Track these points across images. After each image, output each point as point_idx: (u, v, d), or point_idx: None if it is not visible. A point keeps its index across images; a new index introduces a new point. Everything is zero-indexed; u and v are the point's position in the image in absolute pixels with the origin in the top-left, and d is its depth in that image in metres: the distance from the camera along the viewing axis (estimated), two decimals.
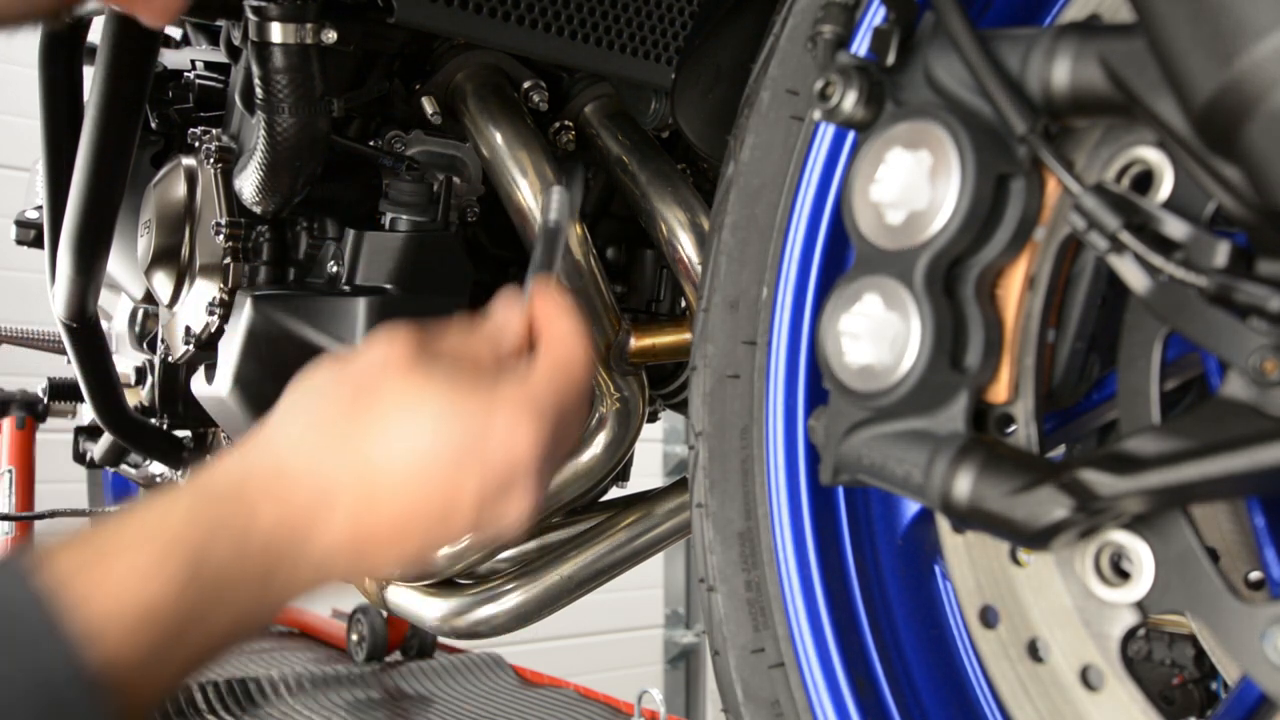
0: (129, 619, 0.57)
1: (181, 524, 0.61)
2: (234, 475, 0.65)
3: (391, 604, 1.36)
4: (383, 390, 0.68)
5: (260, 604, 0.64)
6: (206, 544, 0.60)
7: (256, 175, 1.19)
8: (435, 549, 0.70)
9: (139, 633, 0.57)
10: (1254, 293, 0.50)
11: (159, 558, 0.59)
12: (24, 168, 2.26)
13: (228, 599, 0.61)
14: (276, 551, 0.63)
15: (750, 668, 0.76)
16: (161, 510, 0.62)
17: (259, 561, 0.63)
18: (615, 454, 1.24)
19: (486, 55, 1.26)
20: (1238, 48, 0.44)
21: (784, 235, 0.78)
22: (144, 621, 0.57)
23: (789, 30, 0.79)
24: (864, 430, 0.64)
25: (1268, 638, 0.53)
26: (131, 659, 0.57)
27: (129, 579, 0.57)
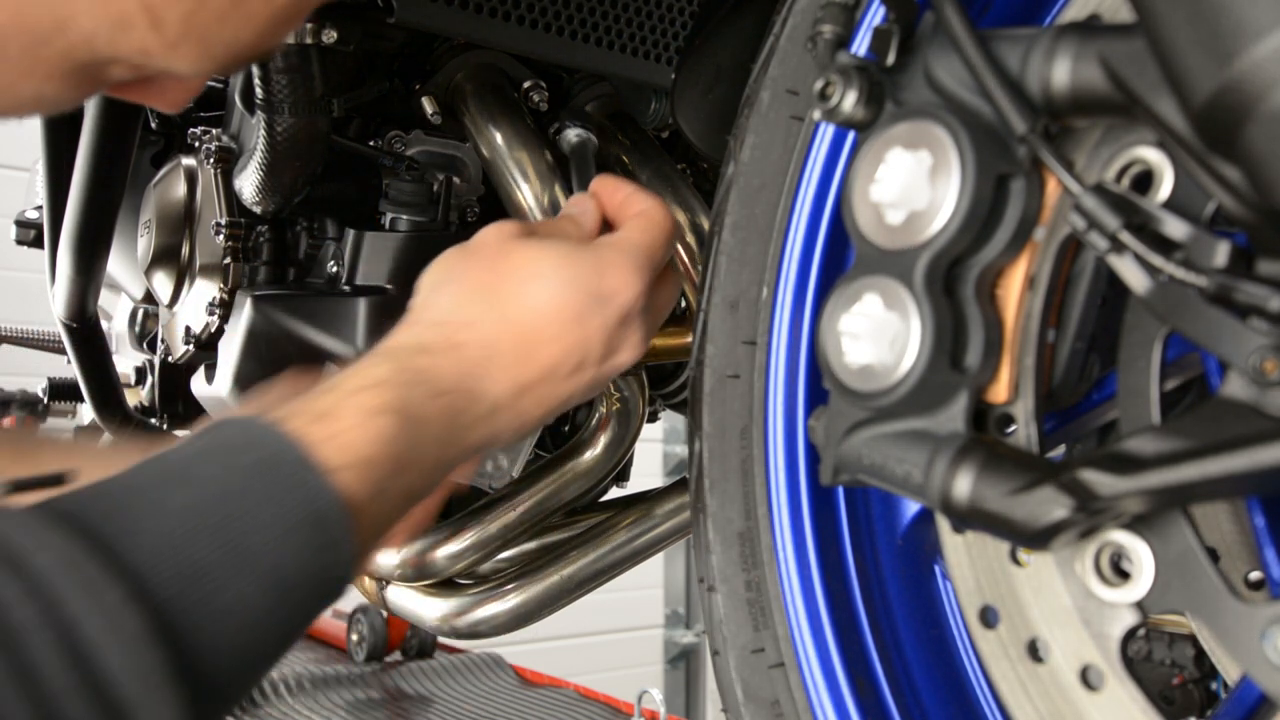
0: (358, 464, 0.65)
1: (383, 383, 0.71)
2: (415, 339, 0.77)
3: (391, 604, 1.36)
4: (509, 259, 0.80)
5: (450, 447, 0.74)
6: (406, 397, 0.71)
7: (256, 175, 1.19)
8: (573, 393, 0.82)
9: (365, 475, 0.66)
10: (1254, 293, 0.50)
11: (371, 413, 0.68)
12: (24, 168, 2.26)
13: (426, 443, 0.71)
14: (462, 396, 0.74)
15: (750, 668, 0.76)
16: (363, 375, 0.72)
17: (447, 406, 0.73)
18: (615, 454, 1.24)
19: (486, 55, 1.25)
20: (1237, 48, 0.44)
21: (784, 235, 0.78)
22: (368, 465, 0.66)
23: (789, 30, 0.79)
24: (864, 430, 0.64)
25: (1268, 638, 0.53)
26: (362, 496, 0.65)
27: (351, 432, 0.66)
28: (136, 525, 0.56)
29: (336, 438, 0.66)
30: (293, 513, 0.61)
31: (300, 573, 0.61)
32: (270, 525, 0.60)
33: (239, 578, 0.58)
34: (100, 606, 0.51)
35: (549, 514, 1.26)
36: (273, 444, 0.63)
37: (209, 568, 0.57)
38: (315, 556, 0.62)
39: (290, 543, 0.60)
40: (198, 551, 0.57)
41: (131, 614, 0.52)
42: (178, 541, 0.56)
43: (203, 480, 0.61)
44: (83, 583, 0.51)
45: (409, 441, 0.69)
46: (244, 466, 0.62)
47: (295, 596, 0.61)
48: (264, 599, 0.59)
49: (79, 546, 0.53)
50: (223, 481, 0.61)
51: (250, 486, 0.61)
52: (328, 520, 0.62)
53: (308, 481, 0.63)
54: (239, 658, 0.58)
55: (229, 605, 0.57)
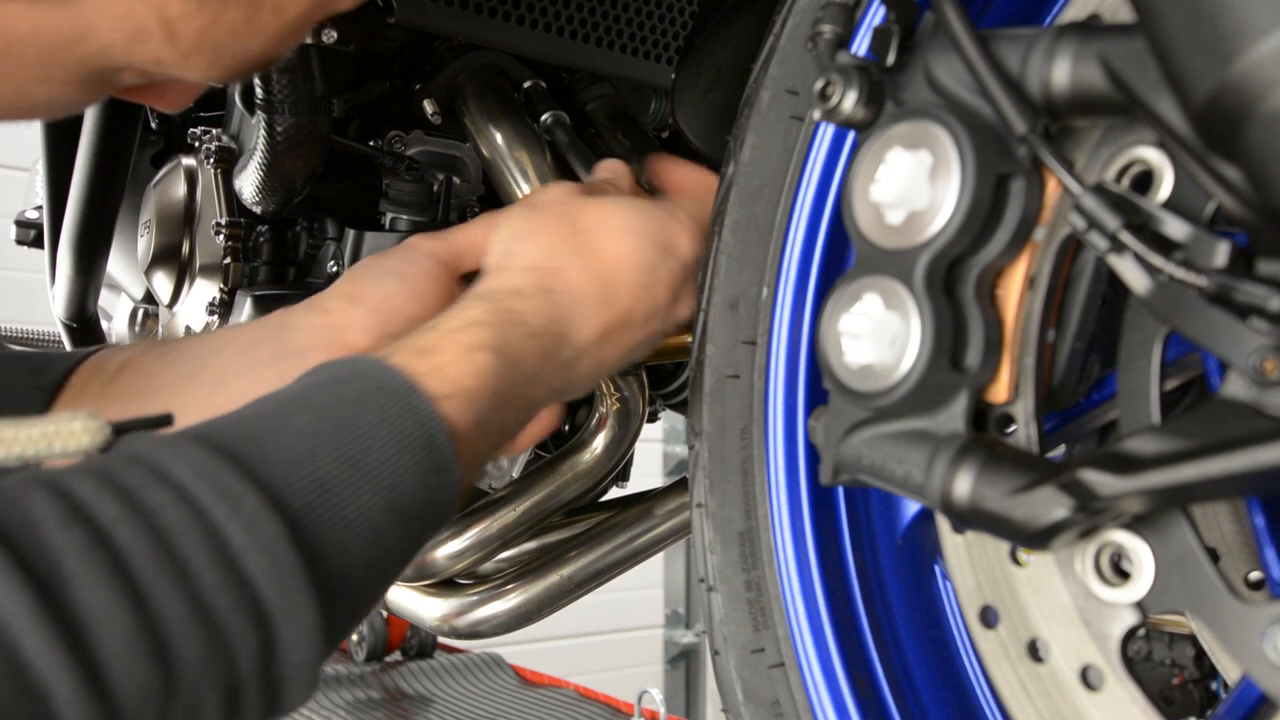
0: (459, 394, 0.69)
1: (480, 322, 0.75)
2: (508, 284, 0.81)
3: (391, 604, 1.36)
4: (584, 214, 0.85)
5: (539, 386, 0.78)
6: (502, 336, 0.75)
7: (256, 175, 1.19)
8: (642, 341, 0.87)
9: (466, 406, 0.69)
10: (1254, 293, 0.50)
11: (470, 349, 0.72)
12: (24, 168, 2.26)
13: (519, 381, 0.75)
14: (552, 338, 0.79)
15: (750, 668, 0.76)
16: (460, 315, 0.76)
17: (539, 347, 0.78)
18: (615, 454, 1.24)
19: (486, 55, 1.25)
20: (1237, 48, 0.44)
21: (784, 235, 0.78)
22: (468, 397, 0.70)
23: (789, 30, 0.79)
24: (864, 430, 0.64)
25: (1268, 638, 0.53)
26: (463, 425, 0.69)
27: (454, 368, 0.70)
28: (264, 445, 0.60)
29: (439, 370, 0.69)
30: (405, 435, 0.65)
31: (413, 492, 0.64)
32: (385, 446, 0.63)
33: (360, 493, 0.61)
34: (239, 514, 0.55)
35: (549, 514, 1.26)
36: (380, 375, 0.67)
37: (333, 483, 0.60)
38: (425, 478, 0.65)
39: (404, 463, 0.64)
40: (322, 468, 0.60)
41: (268, 521, 0.56)
42: (302, 459, 0.60)
43: (318, 407, 0.64)
44: (222, 491, 0.55)
45: (505, 378, 0.73)
46: (355, 395, 0.65)
47: (408, 516, 0.64)
48: (382, 515, 0.62)
49: (216, 461, 0.56)
50: (337, 408, 0.64)
51: (363, 412, 0.64)
52: (436, 444, 0.66)
53: (417, 407, 0.66)
54: (363, 570, 0.61)
55: (353, 518, 0.60)
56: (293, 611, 0.55)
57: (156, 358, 0.93)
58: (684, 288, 0.88)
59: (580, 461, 1.24)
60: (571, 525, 1.35)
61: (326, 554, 0.59)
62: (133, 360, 0.94)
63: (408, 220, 1.24)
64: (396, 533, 0.64)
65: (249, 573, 0.54)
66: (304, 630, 0.56)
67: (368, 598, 0.65)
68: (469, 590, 1.29)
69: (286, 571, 0.55)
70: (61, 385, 0.92)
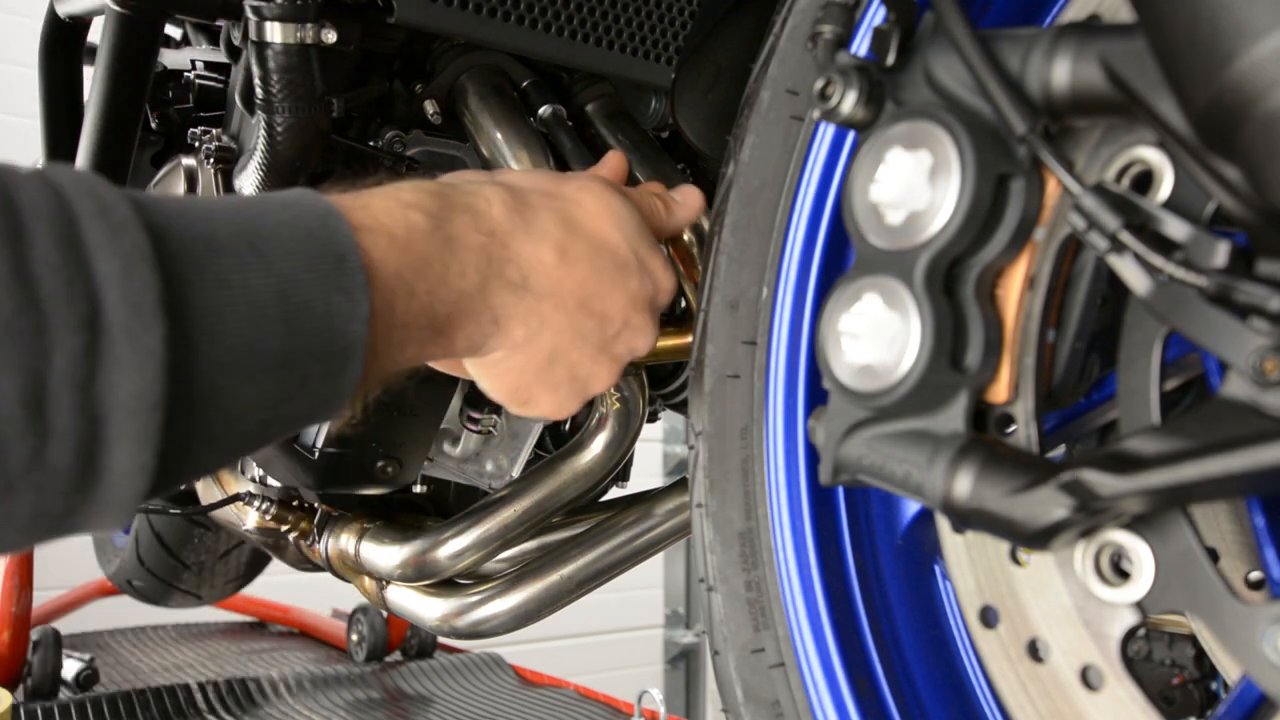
0: (383, 237, 0.65)
1: (429, 192, 0.71)
2: (476, 179, 0.78)
3: (391, 604, 1.36)
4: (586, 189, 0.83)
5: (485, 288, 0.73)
6: (448, 213, 0.71)
7: (256, 175, 1.19)
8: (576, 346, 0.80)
9: (388, 249, 0.64)
10: (1254, 293, 0.50)
11: (406, 205, 0.68)
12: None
13: (459, 266, 0.70)
14: (499, 247, 0.74)
15: (750, 668, 0.76)
16: (413, 183, 0.72)
17: (484, 244, 0.72)
18: (615, 454, 1.24)
19: (486, 55, 1.25)
20: (1237, 48, 0.44)
21: (784, 235, 0.78)
22: (392, 241, 0.65)
23: (789, 30, 0.79)
24: (864, 430, 0.64)
25: (1268, 638, 0.53)
26: (381, 268, 0.64)
27: (384, 214, 0.66)
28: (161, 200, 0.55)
29: (368, 209, 0.66)
30: (314, 242, 0.60)
31: (310, 296, 0.58)
32: (290, 242, 0.58)
33: (251, 271, 0.55)
34: (104, 216, 0.50)
35: (549, 514, 1.26)
36: (305, 195, 0.63)
37: (222, 248, 0.55)
38: (326, 291, 0.59)
39: (306, 264, 0.58)
40: (215, 230, 0.55)
41: (133, 232, 0.50)
42: (198, 218, 0.55)
43: (230, 201, 0.60)
44: (93, 195, 0.50)
45: (437, 250, 0.68)
46: (273, 202, 0.61)
47: (302, 321, 0.57)
48: (272, 300, 0.56)
49: (101, 182, 0.52)
50: (250, 205, 0.60)
51: (276, 212, 0.60)
52: (347, 264, 0.60)
53: (333, 225, 0.61)
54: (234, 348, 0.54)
55: (237, 288, 0.54)
56: (134, 330, 0.48)
57: None
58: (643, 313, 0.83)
59: (580, 461, 1.24)
60: (571, 525, 1.35)
61: (192, 297, 0.52)
62: None
63: None
64: (283, 329, 0.56)
65: (94, 270, 0.48)
66: (143, 357, 0.48)
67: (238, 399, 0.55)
68: (469, 590, 1.29)
69: (138, 286, 0.49)
70: None
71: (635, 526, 1.33)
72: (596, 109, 1.30)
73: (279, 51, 1.08)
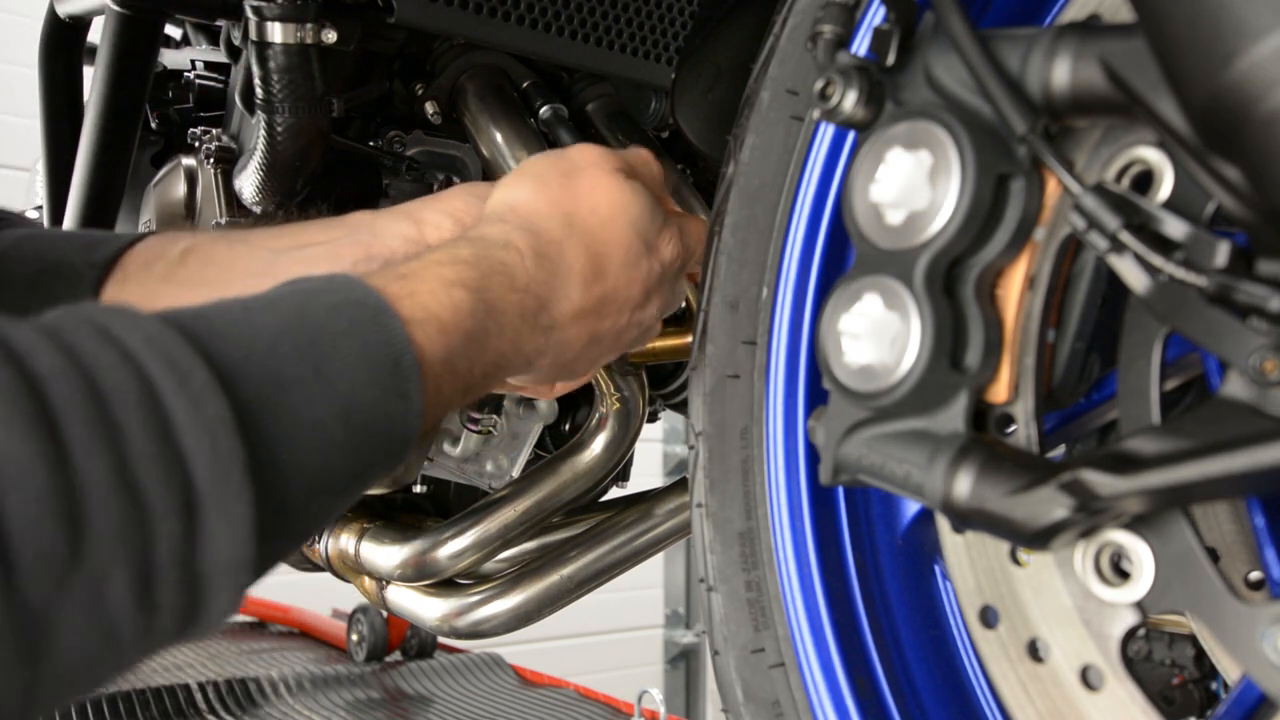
0: (431, 322, 0.67)
1: (466, 262, 0.73)
2: (503, 235, 0.78)
3: (391, 604, 1.36)
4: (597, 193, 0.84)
5: (518, 341, 0.76)
6: (486, 281, 0.73)
7: (256, 175, 1.19)
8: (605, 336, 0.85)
9: (437, 337, 0.67)
10: (1254, 293, 0.50)
11: (450, 283, 0.70)
12: (24, 168, 2.26)
13: (497, 330, 0.73)
14: (533, 299, 0.77)
15: (750, 668, 0.76)
16: (448, 251, 0.74)
17: (518, 303, 0.76)
18: (615, 454, 1.24)
19: (486, 55, 1.25)
20: (1238, 48, 0.44)
21: (784, 235, 0.78)
22: (441, 328, 0.67)
23: (789, 30, 0.79)
24: (864, 430, 0.64)
25: (1268, 638, 0.53)
26: (432, 356, 0.66)
27: (430, 297, 0.68)
28: (223, 330, 0.56)
29: (415, 296, 0.67)
30: (371, 349, 0.62)
31: (371, 411, 0.61)
32: (349, 356, 0.60)
33: (316, 398, 0.57)
34: (186, 388, 0.51)
35: (549, 514, 1.26)
36: (355, 290, 0.64)
37: (289, 382, 0.56)
38: (386, 399, 0.62)
39: (366, 378, 0.61)
40: (282, 364, 0.57)
41: (214, 400, 0.52)
42: (262, 350, 0.56)
43: (286, 310, 0.61)
44: (171, 363, 0.51)
45: (480, 322, 0.71)
46: (326, 304, 0.62)
47: (363, 435, 0.60)
48: (337, 426, 0.58)
49: (171, 334, 0.53)
50: (306, 314, 0.61)
51: (332, 320, 0.61)
52: (402, 365, 0.63)
53: (387, 324, 0.63)
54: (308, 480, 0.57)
55: (306, 420, 0.57)
56: (226, 500, 0.51)
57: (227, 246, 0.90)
58: (655, 290, 0.88)
59: (580, 461, 1.24)
60: (571, 525, 1.35)
61: (271, 450, 0.54)
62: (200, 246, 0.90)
63: None
64: (348, 450, 0.59)
65: (186, 449, 0.50)
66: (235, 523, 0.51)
67: (311, 514, 0.60)
68: (469, 590, 1.29)
69: (226, 455, 0.51)
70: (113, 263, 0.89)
71: (635, 526, 1.33)
72: (596, 109, 1.30)
73: (279, 51, 1.08)
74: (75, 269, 0.88)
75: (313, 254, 0.89)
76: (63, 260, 0.88)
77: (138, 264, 0.89)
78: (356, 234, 0.90)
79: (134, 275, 0.89)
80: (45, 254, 0.89)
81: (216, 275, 0.88)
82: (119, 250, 0.89)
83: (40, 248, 0.90)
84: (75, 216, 1.43)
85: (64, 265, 0.88)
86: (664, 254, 0.87)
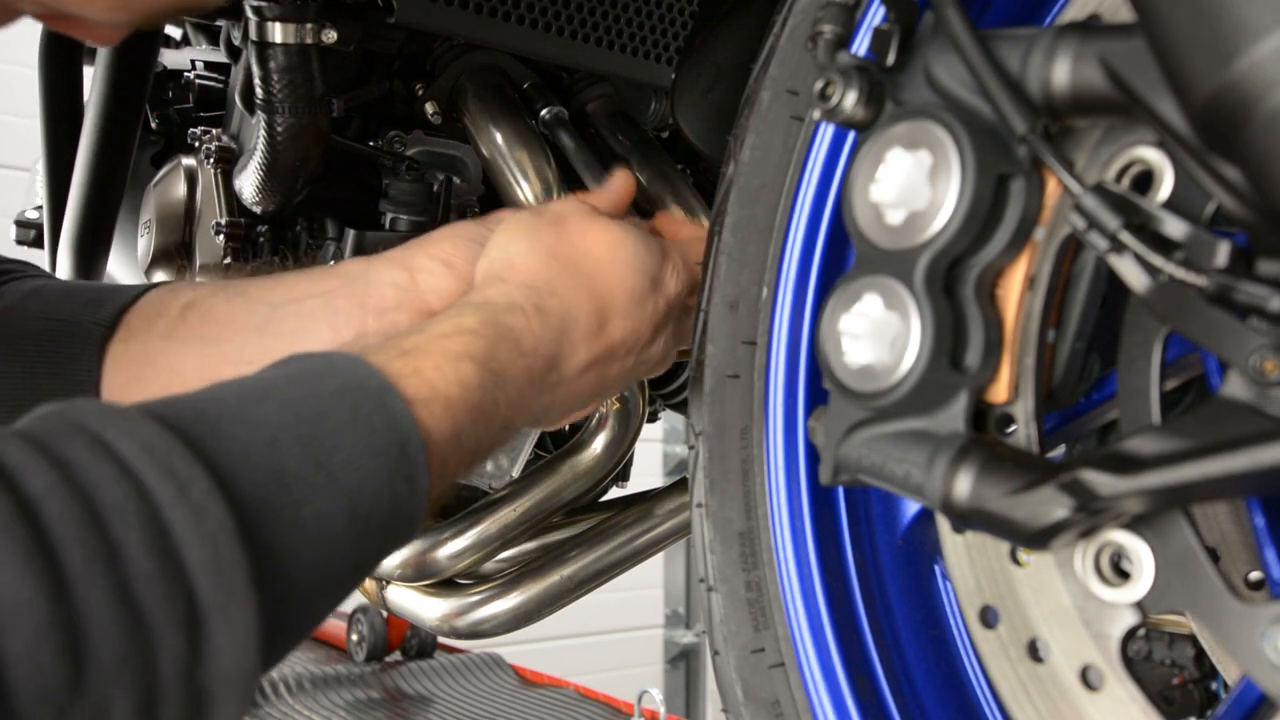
0: (437, 400, 0.66)
1: (471, 332, 0.72)
2: (505, 298, 0.77)
3: (391, 604, 1.36)
4: (589, 237, 0.83)
5: (519, 408, 0.75)
6: (491, 350, 0.72)
7: (256, 175, 1.19)
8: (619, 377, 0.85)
9: (444, 415, 0.66)
10: (1254, 293, 0.50)
11: (456, 357, 0.69)
12: (24, 168, 2.26)
13: (504, 397, 0.72)
14: (540, 360, 0.76)
15: (750, 668, 0.76)
16: (451, 321, 0.73)
17: (525, 368, 0.75)
18: (615, 454, 1.24)
19: (487, 55, 1.25)
20: (1237, 48, 0.44)
21: (784, 235, 0.78)
22: (448, 406, 0.66)
23: (789, 30, 0.79)
24: (864, 430, 0.64)
25: (1268, 638, 0.53)
26: (439, 435, 0.65)
27: (436, 373, 0.67)
28: (222, 429, 0.55)
29: (421, 373, 0.66)
30: (377, 436, 0.60)
31: (377, 499, 0.59)
32: (353, 445, 0.59)
33: (320, 494, 0.56)
34: (185, 498, 0.50)
35: (549, 514, 1.26)
36: (357, 372, 0.63)
37: (292, 479, 0.55)
38: (392, 485, 0.60)
39: (371, 466, 0.59)
40: (283, 461, 0.55)
41: (215, 509, 0.50)
42: (262, 448, 0.55)
43: (286, 398, 0.59)
44: (169, 472, 0.50)
45: (488, 393, 0.70)
46: (328, 390, 0.61)
47: (370, 525, 0.59)
48: (342, 520, 0.57)
49: (167, 439, 0.51)
50: (307, 401, 0.59)
51: (334, 408, 0.60)
52: (408, 449, 0.62)
53: (392, 408, 0.62)
54: (313, 579, 0.56)
55: (309, 520, 0.55)
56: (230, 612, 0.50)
57: (225, 300, 0.90)
58: (663, 326, 0.87)
59: (580, 461, 1.24)
60: (571, 525, 1.35)
61: (275, 555, 0.53)
62: (199, 301, 0.90)
63: (407, 220, 1.24)
64: (354, 542, 0.58)
65: (187, 564, 0.49)
66: (239, 634, 0.50)
67: (314, 611, 0.59)
68: (469, 590, 1.29)
69: (229, 567, 0.50)
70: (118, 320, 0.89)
71: (635, 526, 1.33)
72: (597, 109, 1.30)
73: (279, 51, 1.08)
74: (81, 327, 0.88)
75: (309, 307, 0.88)
76: (69, 319, 0.89)
77: (141, 321, 0.90)
78: (351, 285, 0.88)
79: (138, 333, 0.89)
80: (52, 311, 0.90)
81: (216, 331, 0.88)
82: (122, 307, 0.90)
83: (47, 304, 0.90)
84: (75, 216, 1.43)
85: (70, 323, 0.89)
86: (670, 288, 0.86)
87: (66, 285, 0.96)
